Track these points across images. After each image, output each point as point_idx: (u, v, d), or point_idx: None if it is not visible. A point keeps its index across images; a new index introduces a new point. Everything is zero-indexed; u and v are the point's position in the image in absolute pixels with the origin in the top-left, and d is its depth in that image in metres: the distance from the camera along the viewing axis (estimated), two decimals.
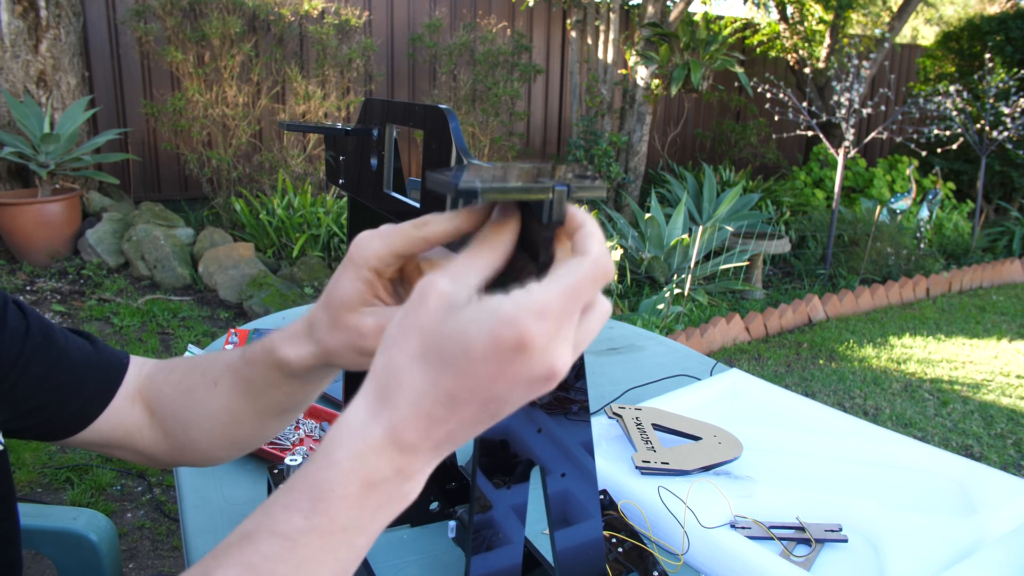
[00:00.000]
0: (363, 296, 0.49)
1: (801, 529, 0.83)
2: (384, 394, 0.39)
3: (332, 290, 0.50)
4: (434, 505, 0.86)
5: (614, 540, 0.76)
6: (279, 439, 1.00)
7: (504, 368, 0.36)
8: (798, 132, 5.74)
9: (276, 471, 0.82)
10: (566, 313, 0.36)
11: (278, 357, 0.54)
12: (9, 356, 0.62)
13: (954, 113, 5.55)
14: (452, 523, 0.75)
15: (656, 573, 0.72)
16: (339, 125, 0.72)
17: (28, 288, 3.84)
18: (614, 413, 1.04)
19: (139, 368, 0.70)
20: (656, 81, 5.35)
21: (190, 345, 1.23)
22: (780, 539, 0.81)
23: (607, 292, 3.93)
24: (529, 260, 0.42)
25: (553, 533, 0.54)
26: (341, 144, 0.71)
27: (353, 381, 0.80)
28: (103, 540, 0.87)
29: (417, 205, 0.57)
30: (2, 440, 0.63)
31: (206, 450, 0.67)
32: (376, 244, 0.47)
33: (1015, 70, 6.56)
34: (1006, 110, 5.55)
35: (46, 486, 2.29)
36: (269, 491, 0.83)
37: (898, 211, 5.55)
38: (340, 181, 0.72)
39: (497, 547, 0.53)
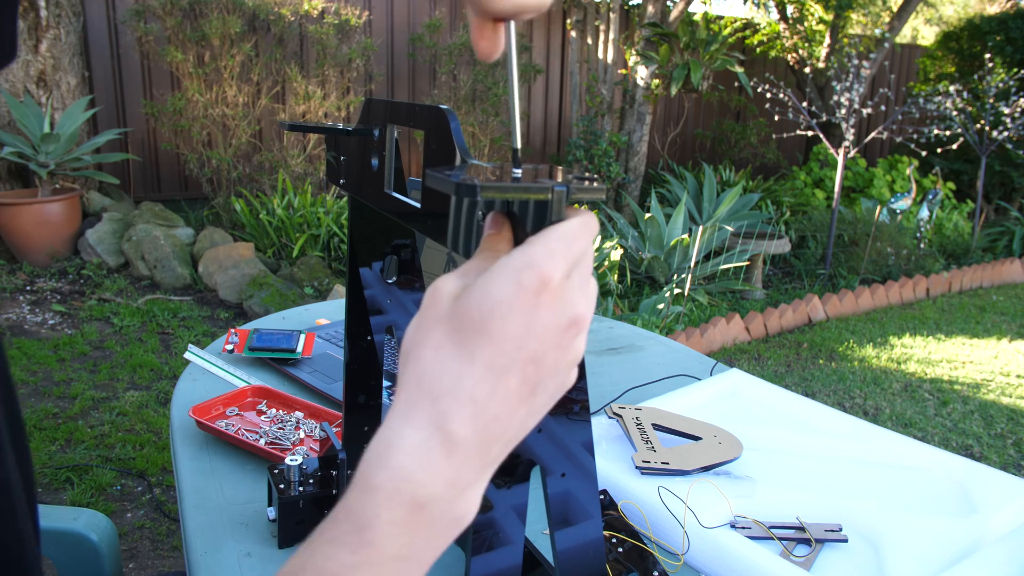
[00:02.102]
0: None
1: (801, 529, 0.83)
2: (418, 394, 0.35)
3: None
4: None
5: (614, 540, 0.76)
6: (279, 439, 1.00)
7: (532, 316, 0.35)
8: (798, 132, 5.74)
9: (276, 471, 0.83)
10: (570, 255, 0.37)
11: None
12: None
13: (954, 113, 5.55)
14: None
15: (656, 573, 0.72)
16: (340, 125, 0.72)
17: (28, 288, 3.84)
18: (614, 413, 1.04)
19: None
20: (656, 81, 5.35)
21: (190, 345, 1.24)
22: (780, 539, 0.81)
23: (606, 292, 3.93)
24: None
25: (553, 533, 0.54)
26: (343, 144, 0.72)
27: (353, 381, 0.80)
28: (103, 540, 0.88)
29: (418, 205, 0.57)
30: None
31: None
32: None
33: (1015, 70, 6.56)
34: (1006, 110, 5.55)
35: (46, 486, 2.29)
36: (269, 491, 0.83)
37: (898, 211, 5.55)
38: (341, 181, 0.72)
39: (497, 547, 0.53)
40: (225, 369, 1.21)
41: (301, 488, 0.81)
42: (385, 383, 1.21)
